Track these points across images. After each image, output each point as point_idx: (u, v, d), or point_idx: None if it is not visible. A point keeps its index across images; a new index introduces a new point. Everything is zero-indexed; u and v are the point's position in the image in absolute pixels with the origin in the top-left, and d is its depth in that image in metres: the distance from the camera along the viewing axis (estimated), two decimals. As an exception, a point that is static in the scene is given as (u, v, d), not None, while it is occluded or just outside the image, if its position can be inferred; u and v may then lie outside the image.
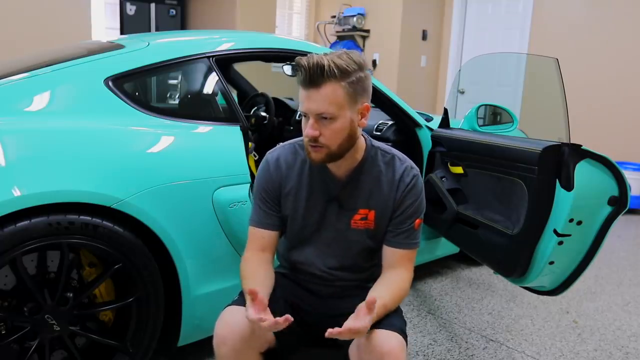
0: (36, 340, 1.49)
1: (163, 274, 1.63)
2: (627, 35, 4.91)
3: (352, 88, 1.26)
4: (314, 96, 1.24)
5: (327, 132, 1.27)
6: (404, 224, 1.40)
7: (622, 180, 1.72)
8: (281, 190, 1.43)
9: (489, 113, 2.96)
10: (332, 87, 1.24)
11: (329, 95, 1.24)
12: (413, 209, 1.39)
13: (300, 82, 1.26)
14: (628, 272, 3.13)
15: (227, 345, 1.26)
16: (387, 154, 1.43)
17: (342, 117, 1.27)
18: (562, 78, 1.87)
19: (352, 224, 1.41)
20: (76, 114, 1.59)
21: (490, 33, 5.94)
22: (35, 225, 1.38)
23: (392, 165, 1.41)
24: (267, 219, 1.43)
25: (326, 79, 1.23)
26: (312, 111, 1.26)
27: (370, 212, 1.40)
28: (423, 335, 2.22)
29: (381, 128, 2.68)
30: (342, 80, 1.24)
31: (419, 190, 1.40)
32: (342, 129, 1.28)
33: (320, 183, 1.41)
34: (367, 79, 1.30)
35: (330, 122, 1.27)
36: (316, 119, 1.27)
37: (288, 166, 1.43)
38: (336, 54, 1.27)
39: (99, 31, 5.55)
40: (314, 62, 1.22)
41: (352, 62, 1.25)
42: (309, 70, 1.22)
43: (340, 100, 1.25)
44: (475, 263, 3.03)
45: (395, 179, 1.39)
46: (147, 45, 1.83)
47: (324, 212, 1.42)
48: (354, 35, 6.43)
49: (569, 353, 2.14)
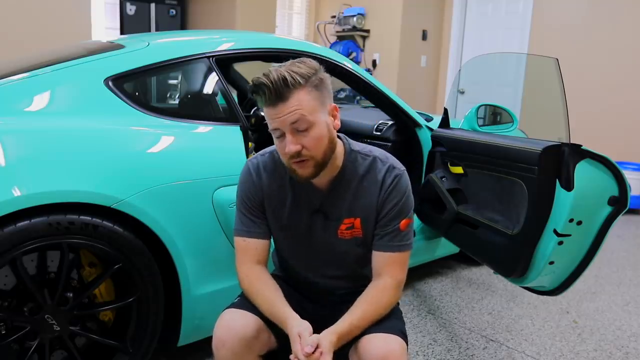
0: (36, 340, 1.49)
1: (163, 274, 1.63)
2: (627, 35, 4.91)
3: (317, 90, 1.24)
4: (284, 109, 1.20)
5: (308, 142, 1.23)
6: (388, 226, 1.34)
7: (622, 180, 1.71)
8: (264, 198, 1.39)
9: (489, 113, 2.96)
10: (299, 95, 1.20)
11: (299, 102, 1.20)
12: (397, 210, 1.34)
13: (265, 102, 1.22)
14: (628, 272, 3.13)
15: (227, 348, 1.25)
16: (367, 157, 1.37)
17: (318, 123, 1.23)
18: (562, 78, 1.87)
19: (339, 234, 1.37)
20: (76, 114, 1.59)
21: (490, 33, 5.94)
22: (35, 226, 1.38)
23: (373, 168, 1.36)
24: (256, 227, 1.39)
25: (292, 88, 1.20)
26: (286, 123, 1.21)
27: (355, 220, 1.36)
28: (423, 335, 2.22)
29: (381, 128, 2.68)
30: (307, 85, 1.22)
31: (402, 189, 1.35)
32: (322, 135, 1.25)
33: (303, 195, 1.37)
34: (327, 79, 1.28)
35: (309, 131, 1.23)
36: (293, 132, 1.22)
37: (269, 175, 1.39)
38: (288, 65, 1.24)
39: (99, 31, 5.54)
40: (274, 77, 1.19)
41: (309, 68, 1.23)
42: (273, 85, 1.18)
43: (311, 105, 1.22)
44: (475, 263, 3.03)
45: (377, 180, 1.35)
46: (147, 45, 1.83)
47: (310, 223, 1.38)
48: (354, 35, 6.43)
49: (569, 353, 2.14)
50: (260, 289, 1.33)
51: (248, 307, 1.32)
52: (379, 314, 1.30)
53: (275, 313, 1.28)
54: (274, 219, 1.40)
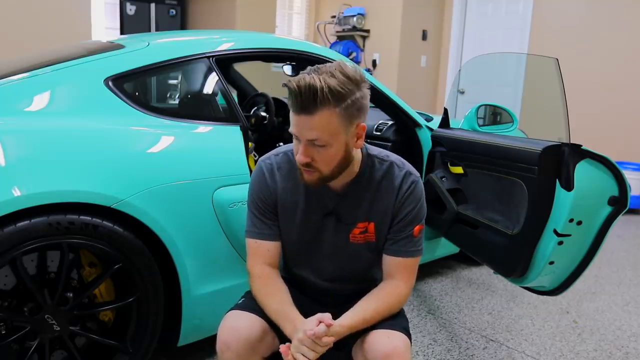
0: (36, 340, 1.49)
1: (163, 274, 1.63)
2: (627, 35, 4.91)
3: (347, 112, 1.18)
4: (305, 123, 1.17)
5: (320, 157, 1.22)
6: (402, 231, 1.35)
7: (622, 180, 1.72)
8: (277, 199, 1.38)
9: (489, 113, 2.96)
10: (325, 115, 1.15)
11: (322, 123, 1.16)
12: (412, 215, 1.34)
13: (290, 105, 1.18)
14: (628, 272, 3.13)
15: (232, 351, 1.24)
16: (385, 162, 1.36)
17: (335, 144, 1.20)
18: (562, 78, 1.87)
19: (350, 238, 1.37)
20: (76, 114, 1.59)
21: (490, 33, 5.94)
22: (35, 226, 1.38)
23: (390, 173, 1.35)
24: (268, 229, 1.38)
25: (319, 105, 1.14)
26: (303, 137, 1.20)
27: (369, 224, 1.36)
28: (423, 335, 2.22)
29: (381, 128, 2.68)
30: (337, 105, 1.15)
31: (418, 196, 1.35)
32: (336, 155, 1.23)
33: (317, 197, 1.36)
34: (363, 98, 1.20)
35: (324, 149, 1.21)
36: (307, 145, 1.21)
37: (283, 177, 1.38)
38: (329, 71, 1.16)
39: (99, 31, 5.54)
40: (305, 85, 1.13)
41: (347, 82, 1.16)
42: (301, 95, 1.14)
43: (334, 128, 1.17)
44: (475, 263, 3.03)
45: (394, 186, 1.34)
46: (147, 45, 1.83)
47: (321, 226, 1.37)
48: (354, 35, 6.42)
49: (569, 353, 2.14)
50: (270, 292, 1.32)
51: (252, 308, 1.31)
52: (389, 313, 1.32)
53: (283, 315, 1.27)
54: (286, 219, 1.39)
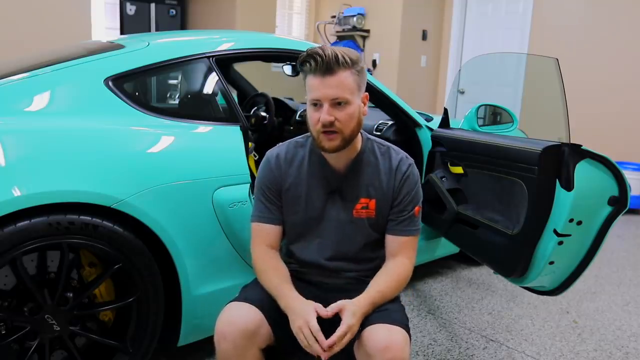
0: (36, 340, 1.49)
1: (163, 274, 1.63)
2: (627, 35, 4.91)
3: (359, 77, 1.37)
4: (330, 82, 1.32)
5: (342, 116, 1.34)
6: (403, 212, 1.46)
7: (622, 180, 1.71)
8: (282, 186, 1.48)
9: (489, 113, 2.96)
10: (345, 74, 1.33)
11: (344, 81, 1.33)
12: (411, 196, 1.47)
13: (312, 70, 1.33)
14: (628, 272, 3.13)
15: (228, 341, 1.27)
16: (383, 146, 1.51)
17: (353, 102, 1.36)
18: (562, 78, 1.87)
19: (354, 213, 1.47)
20: (76, 114, 1.59)
21: (490, 33, 5.94)
22: (35, 226, 1.38)
23: (388, 156, 1.49)
24: (270, 213, 1.48)
25: (341, 66, 1.32)
26: (328, 96, 1.33)
27: (370, 201, 1.46)
28: (423, 335, 2.22)
29: (381, 128, 2.68)
30: (353, 68, 1.35)
31: (415, 178, 1.48)
32: (354, 114, 1.37)
33: (320, 177, 1.47)
34: (365, 71, 1.41)
35: (345, 107, 1.34)
36: (331, 104, 1.33)
37: (287, 163, 1.49)
38: (338, 48, 1.36)
39: (99, 31, 5.54)
40: (329, 52, 1.32)
41: (355, 55, 1.37)
42: (326, 58, 1.31)
43: (352, 87, 1.35)
44: (475, 263, 3.03)
45: (392, 168, 1.47)
46: (147, 45, 1.83)
47: (325, 204, 1.47)
48: (354, 35, 6.42)
49: (569, 353, 2.14)
50: (269, 268, 1.42)
51: (249, 300, 1.35)
52: (399, 287, 1.42)
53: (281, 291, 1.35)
54: (292, 200, 1.48)
